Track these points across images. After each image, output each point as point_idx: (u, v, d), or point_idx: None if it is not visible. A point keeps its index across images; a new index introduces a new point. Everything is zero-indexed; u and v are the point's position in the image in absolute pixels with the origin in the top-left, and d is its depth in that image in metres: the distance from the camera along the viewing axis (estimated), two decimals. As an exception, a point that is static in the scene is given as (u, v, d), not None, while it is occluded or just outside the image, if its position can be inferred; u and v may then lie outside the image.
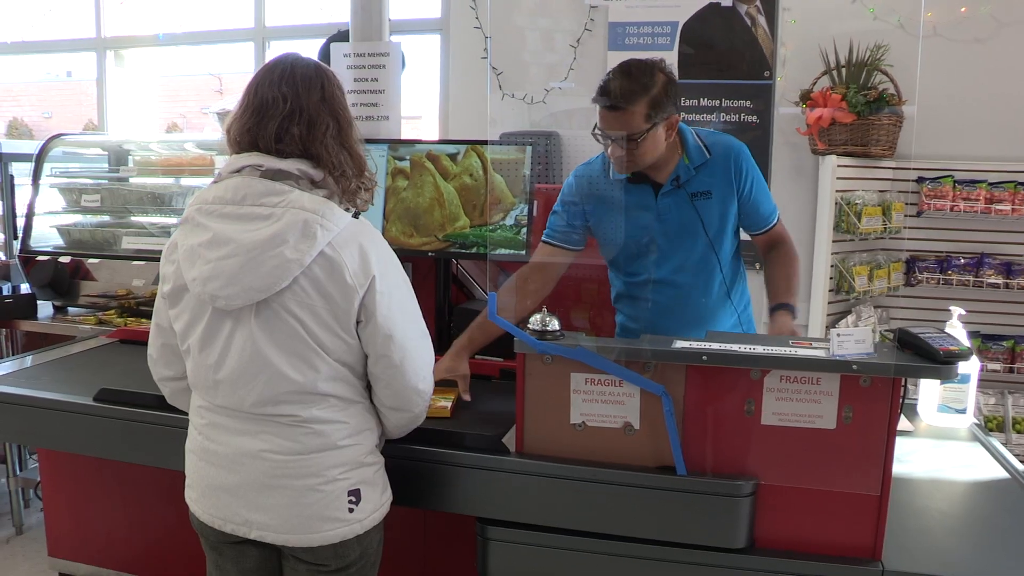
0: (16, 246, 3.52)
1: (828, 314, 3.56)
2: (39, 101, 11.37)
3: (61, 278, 3.29)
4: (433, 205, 2.39)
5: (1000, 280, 3.50)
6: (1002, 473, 1.92)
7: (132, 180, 3.54)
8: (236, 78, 9.40)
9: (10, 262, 3.66)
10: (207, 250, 1.50)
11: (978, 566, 1.55)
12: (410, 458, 1.75)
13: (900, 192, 3.62)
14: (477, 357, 2.14)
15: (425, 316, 1.68)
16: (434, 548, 2.20)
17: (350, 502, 1.57)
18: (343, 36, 3.04)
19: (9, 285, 3.54)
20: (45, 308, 3.36)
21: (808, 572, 1.55)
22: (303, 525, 1.55)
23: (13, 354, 3.43)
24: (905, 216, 3.61)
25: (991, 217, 3.48)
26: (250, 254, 1.46)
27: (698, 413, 1.61)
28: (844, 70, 3.53)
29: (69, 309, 3.36)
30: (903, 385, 1.52)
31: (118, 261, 3.28)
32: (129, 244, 3.32)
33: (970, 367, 2.16)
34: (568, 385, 1.66)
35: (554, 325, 1.66)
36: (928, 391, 2.26)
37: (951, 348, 1.48)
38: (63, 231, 3.47)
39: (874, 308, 3.67)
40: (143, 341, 1.79)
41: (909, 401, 2.33)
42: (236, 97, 1.59)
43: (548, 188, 2.50)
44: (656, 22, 3.95)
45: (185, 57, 8.88)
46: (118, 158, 3.75)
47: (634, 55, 2.07)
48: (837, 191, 3.50)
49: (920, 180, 3.59)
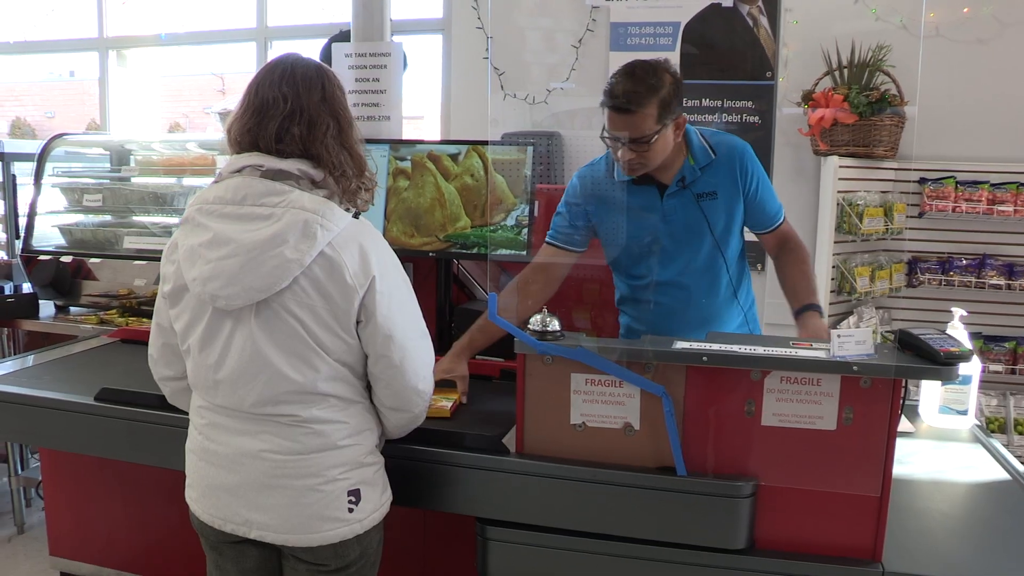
0: (18, 245, 3.52)
1: (830, 315, 3.55)
2: (42, 101, 11.41)
3: (63, 278, 3.29)
4: (434, 205, 2.39)
5: (1002, 281, 3.49)
6: (1003, 475, 1.92)
7: (134, 180, 3.54)
8: (238, 78, 9.41)
9: (12, 261, 3.67)
10: (207, 250, 1.50)
11: (979, 568, 1.54)
12: (410, 458, 1.75)
13: (902, 193, 3.61)
14: (477, 357, 2.14)
15: (426, 316, 1.68)
16: (434, 548, 2.20)
17: (350, 502, 1.57)
18: (345, 36, 3.03)
19: (11, 284, 3.54)
20: (47, 308, 3.37)
21: (808, 573, 1.54)
22: (303, 525, 1.55)
23: (15, 353, 3.44)
24: (907, 217, 3.60)
25: (993, 218, 3.47)
26: (250, 254, 1.46)
27: (698, 414, 1.60)
28: (846, 71, 3.52)
29: (71, 309, 3.36)
30: (904, 386, 1.52)
31: (120, 261, 3.28)
32: (131, 244, 3.32)
33: (971, 368, 2.15)
34: (568, 385, 1.66)
35: (554, 325, 1.66)
36: (929, 392, 2.25)
37: (952, 349, 1.48)
38: (65, 231, 3.48)
39: (876, 309, 3.66)
40: (144, 341, 1.79)
41: (910, 402, 2.33)
42: (238, 97, 1.59)
43: (549, 189, 2.50)
44: (658, 22, 3.94)
45: (187, 57, 8.90)
46: (120, 158, 3.75)
47: (636, 55, 2.06)
48: (839, 192, 3.49)
49: (922, 181, 3.58)
